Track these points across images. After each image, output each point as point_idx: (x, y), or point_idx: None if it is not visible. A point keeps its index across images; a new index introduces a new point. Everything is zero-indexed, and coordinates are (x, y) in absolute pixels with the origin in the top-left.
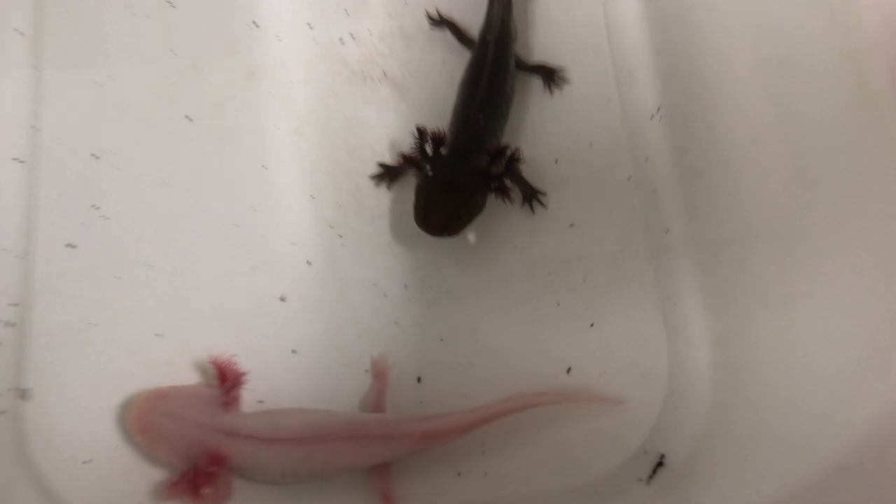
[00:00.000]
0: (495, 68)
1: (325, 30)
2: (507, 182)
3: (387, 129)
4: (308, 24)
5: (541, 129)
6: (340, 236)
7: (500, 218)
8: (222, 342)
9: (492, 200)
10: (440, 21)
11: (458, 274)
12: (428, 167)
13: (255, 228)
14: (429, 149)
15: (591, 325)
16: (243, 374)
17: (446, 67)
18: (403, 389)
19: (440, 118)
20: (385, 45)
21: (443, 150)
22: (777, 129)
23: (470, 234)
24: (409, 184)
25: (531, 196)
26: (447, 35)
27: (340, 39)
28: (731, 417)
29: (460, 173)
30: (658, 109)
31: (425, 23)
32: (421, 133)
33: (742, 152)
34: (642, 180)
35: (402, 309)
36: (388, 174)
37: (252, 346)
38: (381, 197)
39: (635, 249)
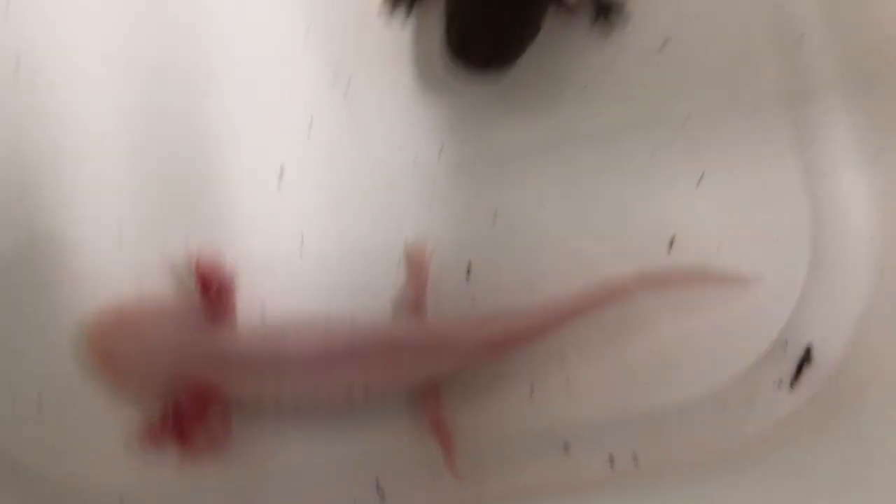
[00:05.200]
0: None
1: None
2: None
3: None
4: None
5: None
6: (349, 85)
7: (561, 46)
8: (202, 233)
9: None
10: None
11: (511, 128)
12: None
13: (230, 75)
14: None
15: (700, 178)
16: (232, 276)
17: None
18: (449, 284)
19: None
20: None
21: None
22: None
23: None
24: (435, 6)
25: (605, 10)
26: None
27: None
28: None
29: None
30: None
31: None
32: None
33: None
34: None
35: (439, 178)
36: None
37: (244, 237)
38: (400, 28)
39: (759, 69)
